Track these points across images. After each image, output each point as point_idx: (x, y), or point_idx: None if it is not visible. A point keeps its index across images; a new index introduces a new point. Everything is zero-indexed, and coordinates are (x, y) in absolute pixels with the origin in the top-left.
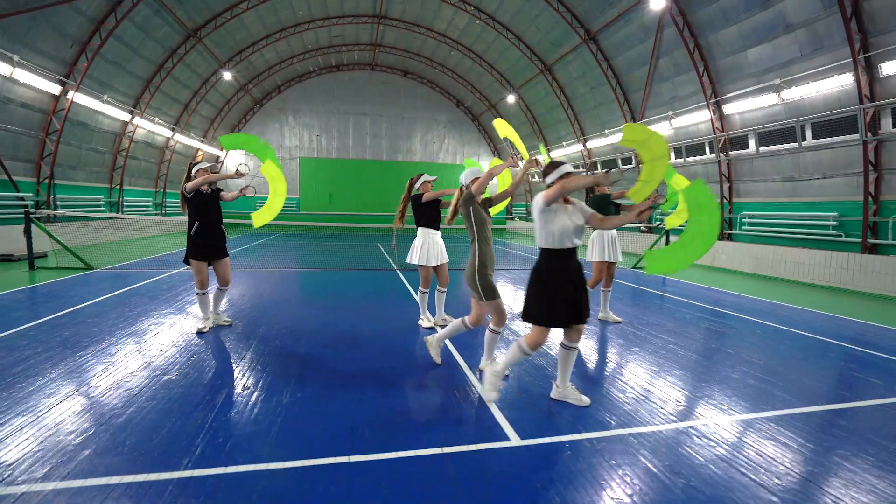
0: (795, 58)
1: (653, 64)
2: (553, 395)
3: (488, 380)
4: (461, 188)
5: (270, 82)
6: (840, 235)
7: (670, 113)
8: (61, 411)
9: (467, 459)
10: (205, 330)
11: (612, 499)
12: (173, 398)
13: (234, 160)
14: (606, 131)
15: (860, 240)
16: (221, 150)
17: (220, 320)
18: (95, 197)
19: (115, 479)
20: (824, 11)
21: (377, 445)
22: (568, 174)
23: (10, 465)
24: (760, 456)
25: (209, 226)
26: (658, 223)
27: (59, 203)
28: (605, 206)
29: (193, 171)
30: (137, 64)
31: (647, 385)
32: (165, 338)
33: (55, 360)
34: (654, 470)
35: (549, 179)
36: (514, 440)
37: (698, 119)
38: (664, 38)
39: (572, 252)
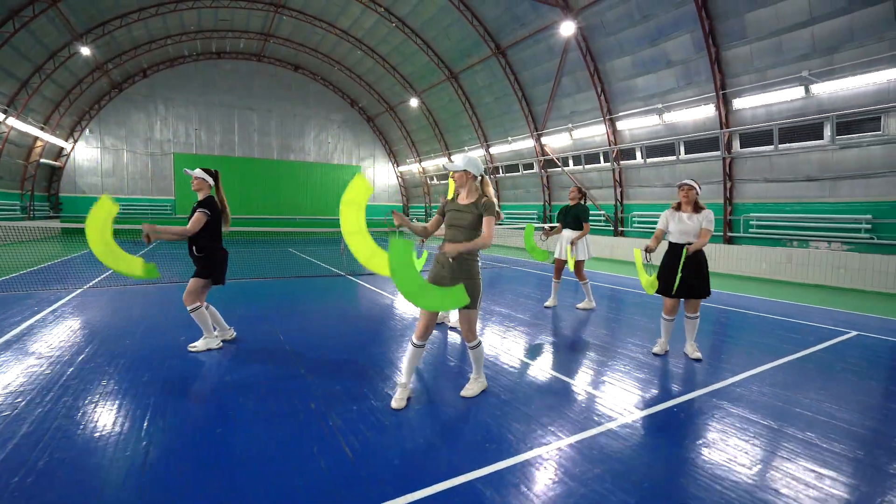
0: (673, 88)
1: (557, 81)
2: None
3: None
4: (479, 176)
5: (135, 64)
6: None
7: (570, 125)
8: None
9: (608, 438)
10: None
11: (743, 439)
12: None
13: (82, 152)
14: (510, 138)
15: (723, 233)
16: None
17: (229, 334)
18: None
19: None
20: (696, 54)
21: (524, 446)
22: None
23: None
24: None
25: None
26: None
27: None
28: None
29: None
30: None
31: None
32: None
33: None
34: (756, 419)
35: None
36: (626, 416)
37: (595, 132)
38: (568, 59)
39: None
